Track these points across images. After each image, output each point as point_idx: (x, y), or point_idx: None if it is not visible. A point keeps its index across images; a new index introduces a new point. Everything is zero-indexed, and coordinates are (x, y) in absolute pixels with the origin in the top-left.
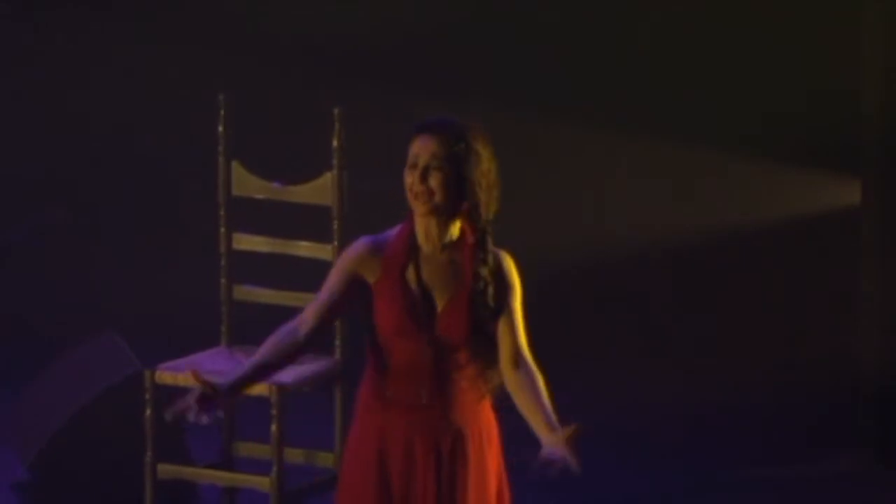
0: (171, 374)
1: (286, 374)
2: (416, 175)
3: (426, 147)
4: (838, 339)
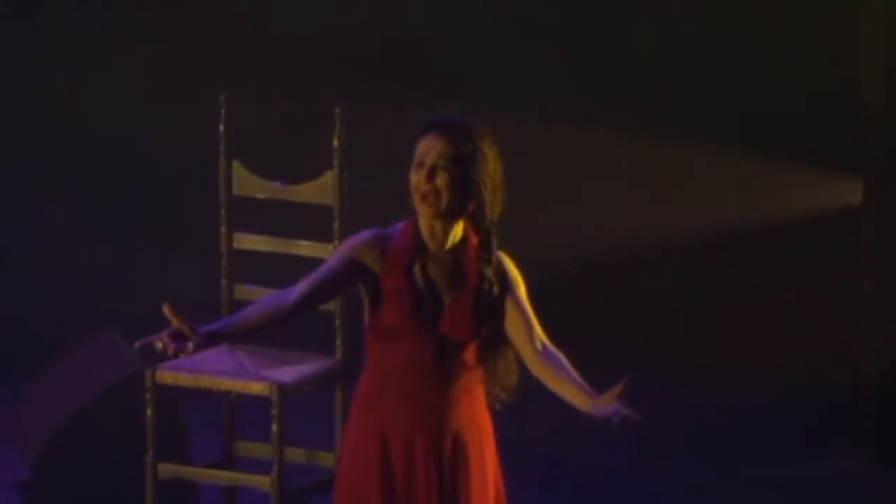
0: (171, 374)
1: (287, 374)
2: (423, 174)
3: (433, 146)
4: (838, 339)
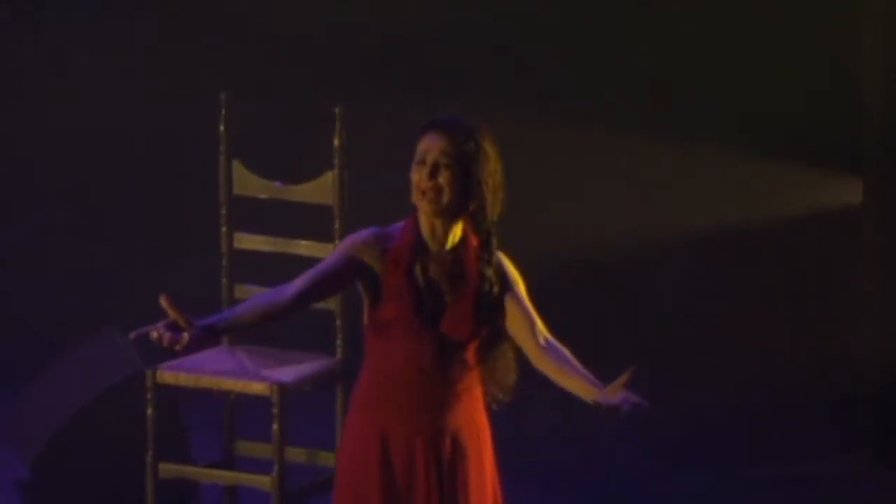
0: (172, 374)
1: (287, 374)
2: (425, 172)
3: (435, 144)
4: (838, 339)
